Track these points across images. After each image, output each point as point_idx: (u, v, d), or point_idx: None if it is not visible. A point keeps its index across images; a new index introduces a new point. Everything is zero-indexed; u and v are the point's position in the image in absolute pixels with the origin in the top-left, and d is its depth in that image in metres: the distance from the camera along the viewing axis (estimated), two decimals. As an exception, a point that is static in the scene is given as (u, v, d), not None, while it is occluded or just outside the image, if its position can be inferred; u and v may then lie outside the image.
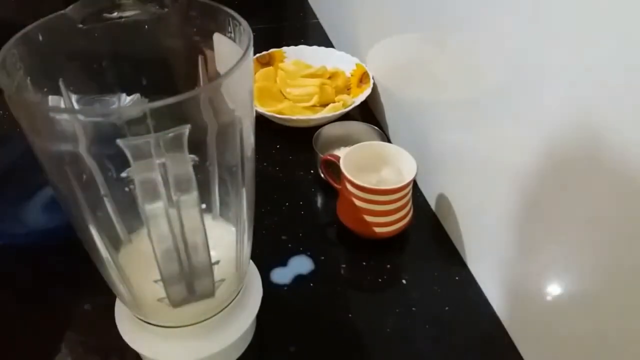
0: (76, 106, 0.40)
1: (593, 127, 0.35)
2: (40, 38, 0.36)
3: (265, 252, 0.55)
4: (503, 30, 0.43)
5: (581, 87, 0.36)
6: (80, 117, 0.30)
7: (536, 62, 0.40)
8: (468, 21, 0.49)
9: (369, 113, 0.78)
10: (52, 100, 0.38)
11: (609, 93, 0.33)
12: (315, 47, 0.85)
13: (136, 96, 0.46)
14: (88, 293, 0.53)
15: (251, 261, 0.47)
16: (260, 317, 0.47)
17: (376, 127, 0.67)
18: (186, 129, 0.30)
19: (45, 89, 0.38)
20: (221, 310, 0.42)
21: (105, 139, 0.30)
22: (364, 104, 0.77)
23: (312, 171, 0.67)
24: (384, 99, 0.75)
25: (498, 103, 0.46)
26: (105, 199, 0.39)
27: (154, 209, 0.31)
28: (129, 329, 0.43)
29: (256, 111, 0.69)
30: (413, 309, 0.52)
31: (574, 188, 0.38)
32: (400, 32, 0.65)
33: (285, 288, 0.53)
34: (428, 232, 0.60)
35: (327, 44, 0.95)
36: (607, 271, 0.36)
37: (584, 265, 0.39)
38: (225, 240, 0.42)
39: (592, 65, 0.34)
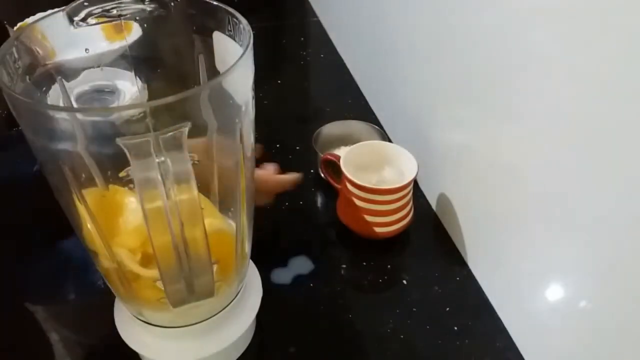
0: (75, 105, 0.40)
1: (594, 127, 0.35)
2: (40, 36, 0.35)
3: (265, 252, 0.55)
4: (505, 29, 0.43)
5: (584, 87, 0.35)
6: (79, 115, 0.30)
7: (537, 62, 0.40)
8: (469, 21, 0.49)
9: (369, 112, 0.78)
10: (51, 99, 0.38)
11: (612, 92, 0.33)
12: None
13: (136, 94, 0.46)
14: (87, 292, 0.53)
15: (251, 261, 0.47)
16: (260, 317, 0.47)
17: (377, 127, 0.67)
18: (186, 128, 0.30)
19: (44, 88, 0.38)
20: (221, 311, 0.42)
21: (105, 138, 0.29)
22: (365, 103, 0.76)
23: (312, 171, 0.67)
24: (385, 98, 0.75)
25: (499, 103, 0.46)
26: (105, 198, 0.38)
27: (153, 208, 0.31)
28: (128, 328, 0.43)
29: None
30: (413, 309, 0.51)
31: (575, 188, 0.38)
32: (401, 32, 0.65)
33: (285, 288, 0.53)
34: (429, 232, 0.60)
35: (327, 42, 0.95)
36: (608, 272, 0.36)
37: (586, 266, 0.38)
38: (224, 239, 0.42)
39: (594, 65, 0.34)
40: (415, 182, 0.65)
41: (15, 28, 0.70)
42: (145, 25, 0.40)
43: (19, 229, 0.54)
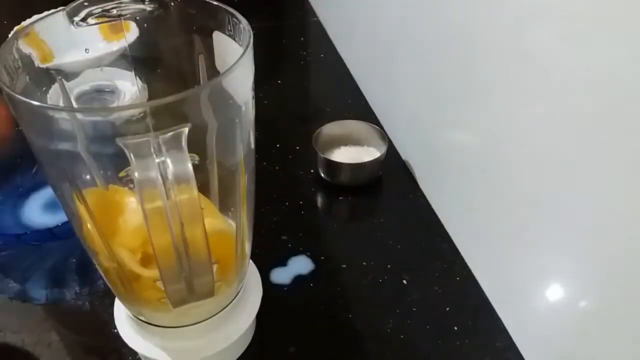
0: (75, 105, 0.40)
1: (595, 126, 0.35)
2: (40, 36, 0.36)
3: (265, 252, 0.55)
4: (505, 29, 0.43)
5: (584, 87, 0.35)
6: (79, 115, 0.30)
7: (538, 61, 0.40)
8: (470, 21, 0.49)
9: (369, 112, 0.78)
10: (51, 99, 0.38)
11: (612, 92, 0.33)
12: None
13: (136, 94, 0.46)
14: (87, 292, 0.53)
15: (251, 261, 0.47)
16: (260, 317, 0.47)
17: (376, 126, 0.67)
18: (186, 128, 0.30)
19: (44, 88, 0.38)
20: (221, 311, 0.42)
21: (104, 138, 0.30)
22: (365, 103, 0.77)
23: (312, 171, 0.67)
24: (385, 98, 0.75)
25: (500, 103, 0.46)
26: (105, 199, 0.38)
27: (153, 208, 0.31)
28: (128, 328, 0.43)
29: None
30: (413, 309, 0.52)
31: (575, 188, 0.38)
32: (401, 32, 0.65)
33: (285, 288, 0.53)
34: (429, 233, 0.60)
35: (327, 42, 0.95)
36: (608, 272, 0.36)
37: (586, 266, 0.38)
38: (224, 239, 0.42)
39: (594, 65, 0.34)
40: (415, 182, 0.65)
41: (15, 28, 0.70)
42: (145, 25, 0.40)
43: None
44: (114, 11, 0.38)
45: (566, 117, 0.38)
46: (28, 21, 0.69)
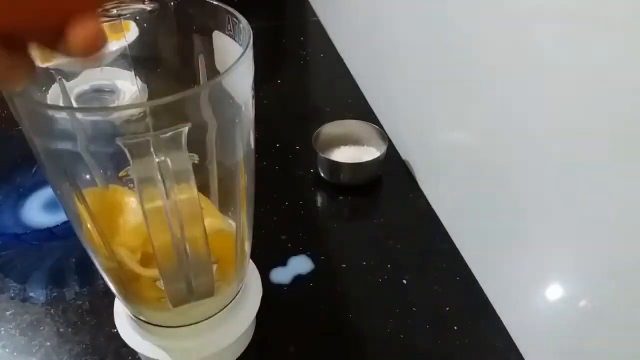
0: (75, 105, 0.40)
1: (594, 127, 0.35)
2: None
3: (265, 252, 0.55)
4: (505, 29, 0.43)
5: (584, 87, 0.35)
6: (79, 115, 0.30)
7: (538, 62, 0.40)
8: (470, 22, 0.49)
9: (369, 112, 0.78)
10: (51, 99, 0.38)
11: (612, 92, 0.33)
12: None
13: (136, 94, 0.46)
14: (87, 292, 0.53)
15: (251, 261, 0.47)
16: (260, 317, 0.47)
17: (377, 127, 0.67)
18: (186, 128, 0.30)
19: (44, 88, 0.38)
20: (221, 311, 0.42)
21: (105, 138, 0.29)
22: (365, 103, 0.77)
23: (312, 171, 0.67)
24: (385, 98, 0.75)
25: (500, 103, 0.46)
26: (105, 198, 0.38)
27: (153, 208, 0.31)
28: (128, 328, 0.43)
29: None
30: (413, 309, 0.52)
31: (575, 188, 0.38)
32: (401, 32, 0.65)
33: (285, 288, 0.53)
34: (429, 232, 0.60)
35: (327, 42, 0.95)
36: (608, 272, 0.36)
37: (586, 266, 0.38)
38: (224, 239, 0.42)
39: (594, 66, 0.34)
40: (415, 182, 0.65)
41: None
42: (145, 25, 0.40)
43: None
44: (114, 11, 0.38)
45: (566, 117, 0.38)
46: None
